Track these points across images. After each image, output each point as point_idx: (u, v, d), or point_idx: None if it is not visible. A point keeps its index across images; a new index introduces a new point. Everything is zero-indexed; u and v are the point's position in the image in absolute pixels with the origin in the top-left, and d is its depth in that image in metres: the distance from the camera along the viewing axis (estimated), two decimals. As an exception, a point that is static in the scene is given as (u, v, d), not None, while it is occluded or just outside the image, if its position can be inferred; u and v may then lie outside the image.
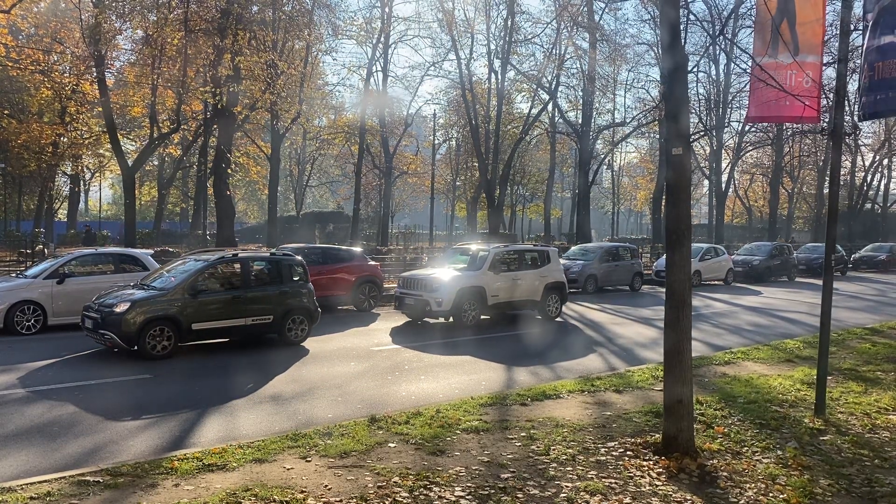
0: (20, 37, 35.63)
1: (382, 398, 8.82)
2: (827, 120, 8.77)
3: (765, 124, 45.01)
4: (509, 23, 35.12)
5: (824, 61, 8.86)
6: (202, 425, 7.53)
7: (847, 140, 37.51)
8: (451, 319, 14.97)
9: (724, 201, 49.62)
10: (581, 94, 42.16)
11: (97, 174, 53.19)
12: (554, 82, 39.34)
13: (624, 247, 27.09)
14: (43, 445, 6.69)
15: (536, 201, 61.55)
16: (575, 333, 15.07)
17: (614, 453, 6.47)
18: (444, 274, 15.31)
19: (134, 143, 43.90)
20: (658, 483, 5.77)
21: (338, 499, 5.27)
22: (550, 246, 22.78)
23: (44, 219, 42.23)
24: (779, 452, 6.63)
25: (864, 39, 7.92)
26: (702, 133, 43.54)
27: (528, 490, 5.53)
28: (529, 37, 37.64)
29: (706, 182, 53.51)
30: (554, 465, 6.13)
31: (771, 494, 5.62)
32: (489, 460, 6.20)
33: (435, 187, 48.71)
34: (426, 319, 15.56)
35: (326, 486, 5.53)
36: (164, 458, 6.06)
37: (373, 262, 19.14)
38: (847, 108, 8.95)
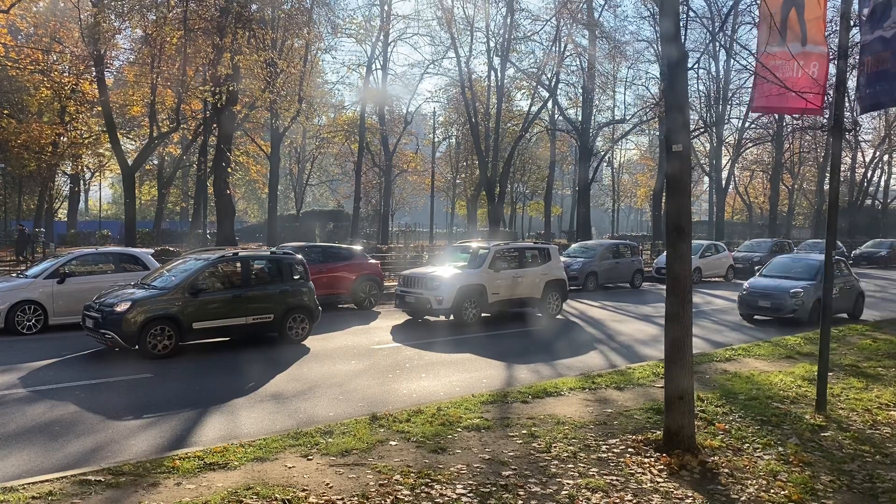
0: (19, 36, 35.63)
1: (383, 396, 8.83)
2: (828, 115, 8.78)
3: (765, 120, 45.07)
4: (509, 20, 35.07)
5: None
6: (203, 424, 7.54)
7: (847, 136, 37.44)
8: (451, 317, 14.97)
9: (725, 198, 49.60)
10: (581, 91, 42.14)
11: (97, 174, 53.17)
12: (554, 79, 39.31)
13: (624, 244, 27.07)
14: (44, 445, 6.69)
15: (536, 199, 61.53)
16: (576, 331, 15.07)
17: (615, 450, 6.47)
18: (444, 272, 15.31)
19: (134, 143, 43.87)
20: (659, 480, 5.78)
21: (339, 497, 5.27)
22: (551, 243, 22.77)
23: (44, 219, 42.23)
24: (780, 449, 6.64)
25: (860, 34, 7.95)
26: (702, 130, 43.51)
27: (529, 487, 5.53)
28: (529, 34, 37.57)
29: (706, 179, 53.47)
30: (555, 462, 6.13)
31: (772, 491, 5.62)
32: (490, 458, 6.20)
33: (435, 185, 48.70)
34: (427, 317, 15.56)
35: (328, 484, 5.54)
36: (165, 458, 6.06)
37: (373, 261, 19.14)
38: (847, 104, 8.94)
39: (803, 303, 15.44)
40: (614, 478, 5.78)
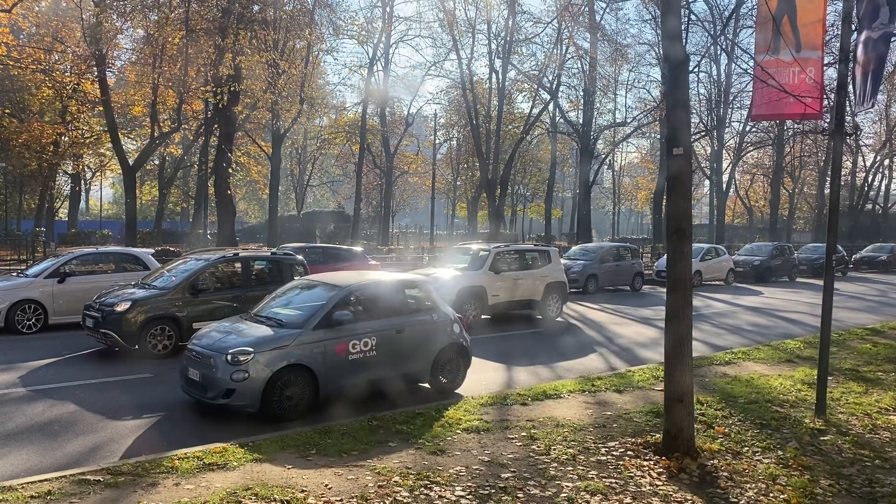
0: (21, 36, 35.63)
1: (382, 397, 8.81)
2: (828, 119, 8.80)
3: (766, 124, 45.07)
4: (510, 22, 35.13)
5: (825, 61, 8.90)
6: (203, 424, 7.53)
7: (848, 140, 37.45)
8: (451, 319, 14.93)
9: (725, 201, 49.62)
10: (582, 93, 42.19)
11: (98, 173, 53.20)
12: (555, 82, 39.34)
13: (625, 247, 27.08)
14: (43, 444, 6.69)
15: (537, 201, 61.61)
16: (575, 333, 15.06)
17: (615, 453, 6.47)
18: (444, 274, 15.29)
19: (135, 143, 43.92)
20: (658, 483, 5.77)
21: (338, 498, 5.27)
22: (551, 246, 22.78)
23: (44, 218, 42.25)
24: (779, 453, 6.63)
25: (857, 36, 8.00)
26: (703, 133, 43.53)
27: (528, 490, 5.53)
28: (530, 36, 37.64)
29: (707, 182, 53.50)
30: (554, 464, 6.12)
31: (771, 495, 5.62)
32: (489, 460, 6.20)
33: (436, 187, 48.73)
34: (427, 319, 15.53)
35: (327, 485, 5.53)
36: (164, 457, 6.05)
37: (373, 262, 19.15)
38: (848, 108, 8.96)
39: (248, 375, 7.27)
40: (613, 481, 5.77)
